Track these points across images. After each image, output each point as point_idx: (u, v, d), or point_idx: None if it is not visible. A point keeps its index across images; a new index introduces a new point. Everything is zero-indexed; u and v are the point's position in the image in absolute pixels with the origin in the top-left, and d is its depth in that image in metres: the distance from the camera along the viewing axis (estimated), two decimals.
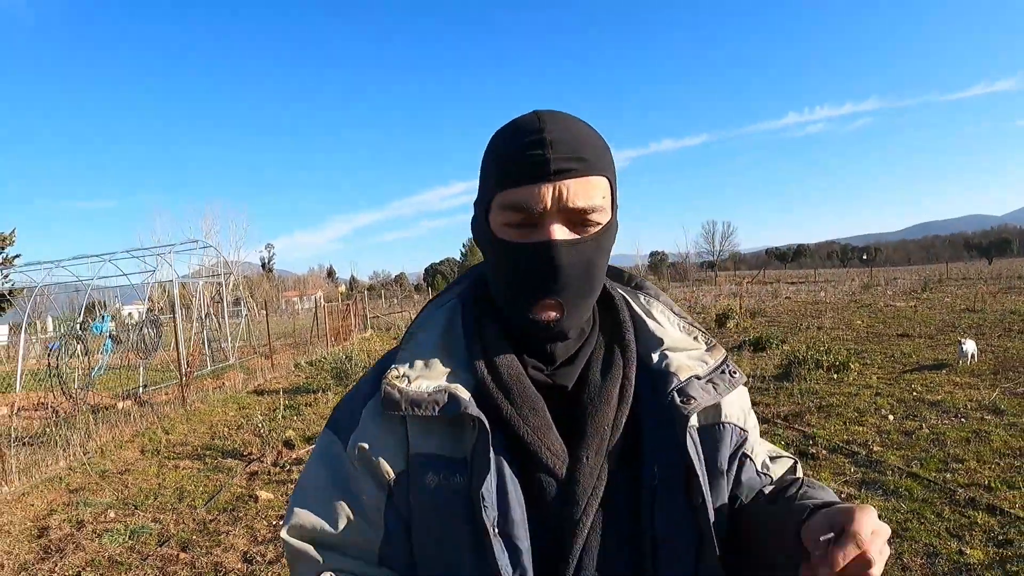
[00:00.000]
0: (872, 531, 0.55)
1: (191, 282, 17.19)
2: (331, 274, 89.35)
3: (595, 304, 0.77)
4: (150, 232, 39.27)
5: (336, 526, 0.72)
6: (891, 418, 5.87)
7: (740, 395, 0.80)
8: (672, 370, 0.73)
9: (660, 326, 0.79)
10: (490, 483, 0.66)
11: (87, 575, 3.69)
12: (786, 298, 23.65)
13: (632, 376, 0.74)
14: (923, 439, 5.16)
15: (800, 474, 0.84)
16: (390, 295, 52.44)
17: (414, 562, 0.72)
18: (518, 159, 0.66)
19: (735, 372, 0.78)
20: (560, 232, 0.67)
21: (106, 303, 17.59)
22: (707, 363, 0.76)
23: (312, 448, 0.74)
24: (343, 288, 56.18)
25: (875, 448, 5.04)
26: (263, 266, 70.47)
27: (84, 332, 10.62)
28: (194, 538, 4.22)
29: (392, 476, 0.71)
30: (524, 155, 0.66)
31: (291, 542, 0.74)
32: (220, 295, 17.31)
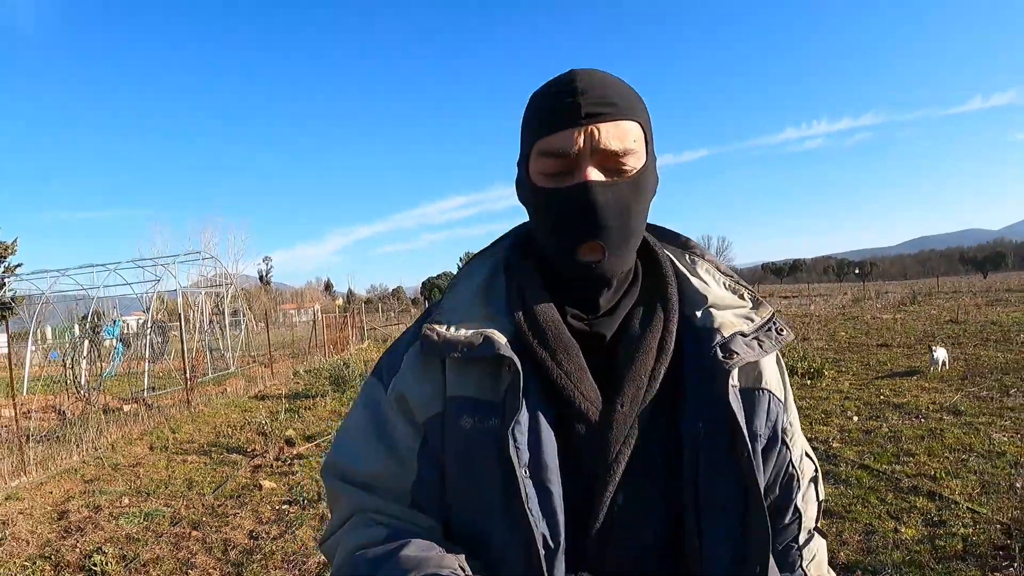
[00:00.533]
0: None
1: (192, 292, 17.65)
2: (328, 287, 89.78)
3: (638, 260, 0.79)
4: (150, 244, 40.05)
5: (371, 467, 0.74)
6: (855, 419, 6.17)
7: (778, 367, 0.80)
8: (715, 326, 0.73)
9: (705, 284, 0.80)
10: (522, 425, 0.67)
11: (108, 549, 4.04)
12: (776, 311, 23.84)
13: (673, 330, 0.74)
14: (881, 436, 5.47)
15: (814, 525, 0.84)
16: (387, 308, 52.70)
17: (444, 507, 0.73)
18: (552, 106, 0.70)
19: (782, 330, 0.77)
20: (595, 174, 0.69)
21: (105, 313, 17.95)
22: (753, 320, 0.76)
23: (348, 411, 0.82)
24: (340, 301, 56.46)
25: (834, 444, 5.35)
26: (261, 279, 70.96)
27: (97, 335, 11.00)
28: (204, 519, 4.58)
29: (429, 418, 0.73)
30: (557, 102, 0.69)
31: (328, 480, 0.78)
32: (219, 307, 17.74)
